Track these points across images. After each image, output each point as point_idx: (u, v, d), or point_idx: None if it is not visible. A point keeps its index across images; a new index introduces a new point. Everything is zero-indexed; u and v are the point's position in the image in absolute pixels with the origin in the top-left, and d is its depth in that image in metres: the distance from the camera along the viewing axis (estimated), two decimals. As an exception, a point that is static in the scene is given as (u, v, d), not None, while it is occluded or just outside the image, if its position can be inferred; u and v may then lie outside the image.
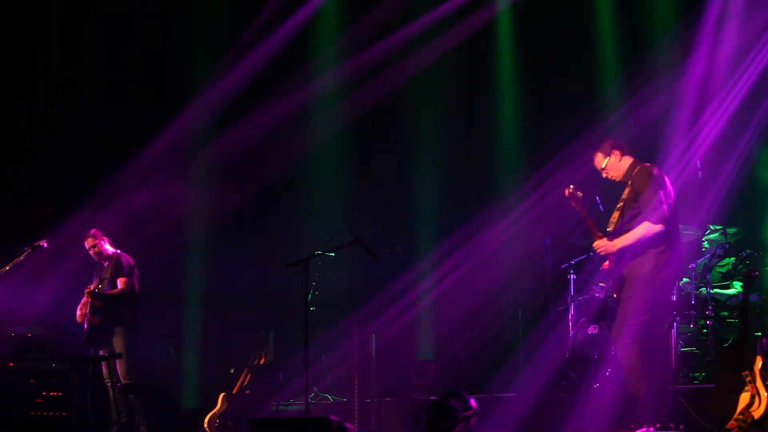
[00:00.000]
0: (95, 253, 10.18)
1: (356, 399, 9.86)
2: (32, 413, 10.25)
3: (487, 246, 11.43)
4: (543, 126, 11.79)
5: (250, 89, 11.94)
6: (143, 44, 12.37)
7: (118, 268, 10.05)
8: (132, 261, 10.16)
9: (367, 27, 11.85)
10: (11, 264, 9.91)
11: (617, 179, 7.86)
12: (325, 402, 10.65)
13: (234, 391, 10.23)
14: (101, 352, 9.92)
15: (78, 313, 10.04)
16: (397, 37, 11.93)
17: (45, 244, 10.12)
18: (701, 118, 10.53)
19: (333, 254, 8.69)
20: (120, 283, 10.01)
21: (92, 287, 9.93)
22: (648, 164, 7.78)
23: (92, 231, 10.23)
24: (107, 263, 10.12)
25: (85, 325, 9.88)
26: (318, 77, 12.07)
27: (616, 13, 11.58)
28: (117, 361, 9.85)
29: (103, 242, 10.18)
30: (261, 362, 10.49)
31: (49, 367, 10.55)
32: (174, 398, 11.35)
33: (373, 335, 10.15)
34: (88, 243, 10.20)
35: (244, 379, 10.32)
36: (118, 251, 10.19)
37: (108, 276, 10.01)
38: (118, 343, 9.91)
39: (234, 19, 12.08)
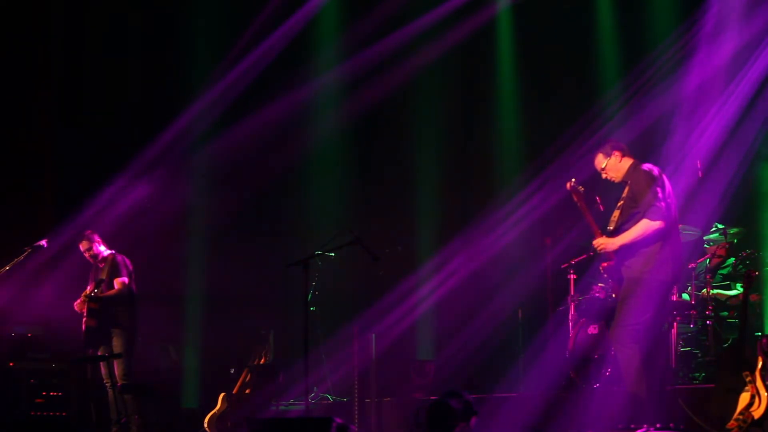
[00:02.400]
0: (90, 255, 10.14)
1: (356, 399, 9.86)
2: (32, 413, 10.24)
3: (487, 246, 11.42)
4: (544, 126, 11.78)
5: (251, 89, 11.93)
6: (143, 44, 12.36)
7: (114, 269, 10.01)
8: (128, 261, 10.12)
9: (367, 27, 11.85)
10: (11, 264, 9.90)
11: (617, 180, 7.90)
12: (326, 402, 10.65)
13: (234, 391, 10.23)
14: (99, 353, 9.91)
15: (76, 303, 10.02)
16: (397, 37, 11.92)
17: (45, 244, 10.10)
18: (702, 119, 10.54)
19: (333, 254, 8.68)
20: (117, 283, 9.98)
21: (88, 291, 9.90)
22: (647, 164, 7.80)
23: (86, 233, 10.19)
24: (103, 264, 10.09)
25: (83, 327, 9.88)
26: (318, 77, 12.07)
27: (616, 14, 11.58)
28: (115, 361, 9.84)
29: (97, 244, 10.14)
30: (261, 362, 10.49)
31: (49, 367, 10.54)
32: (174, 398, 11.34)
33: (374, 336, 10.14)
34: (82, 246, 10.16)
35: (244, 379, 10.32)
36: (114, 252, 10.15)
37: (104, 277, 9.97)
38: (117, 344, 9.89)
39: (234, 19, 12.08)
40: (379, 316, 10.64)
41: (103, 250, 10.13)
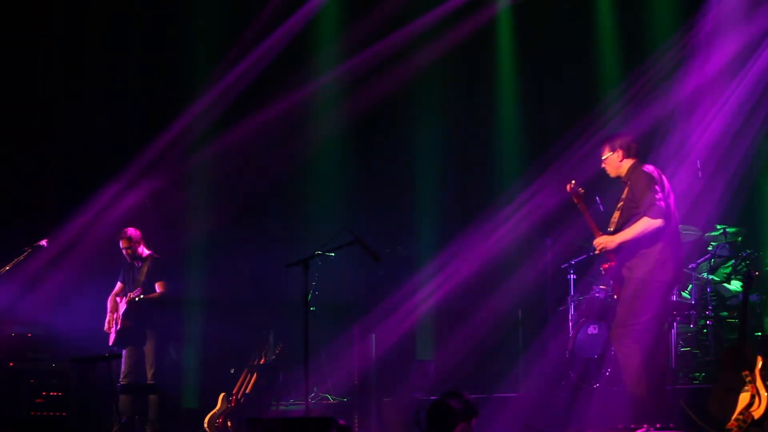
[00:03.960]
0: (129, 254, 10.15)
1: (356, 399, 9.86)
2: (32, 413, 10.24)
3: (487, 246, 11.42)
4: (544, 126, 11.79)
5: (250, 89, 11.93)
6: (143, 44, 12.36)
7: (156, 270, 10.04)
8: (166, 262, 10.18)
9: (367, 27, 11.85)
10: (11, 264, 9.90)
11: (611, 175, 7.91)
12: (326, 402, 10.65)
13: (234, 391, 10.23)
14: (124, 352, 9.95)
15: (108, 318, 10.05)
16: (397, 37, 11.92)
17: (45, 244, 10.10)
18: (702, 119, 10.54)
19: (333, 254, 8.68)
20: (159, 286, 10.01)
21: (133, 295, 9.86)
22: (647, 166, 7.80)
23: (129, 232, 10.18)
24: (140, 264, 10.11)
25: (117, 326, 9.90)
26: (318, 77, 12.07)
27: (616, 14, 11.59)
28: (146, 362, 9.92)
29: (137, 243, 10.15)
30: (261, 362, 10.49)
31: (49, 367, 10.54)
32: (174, 398, 11.34)
33: (374, 336, 10.14)
34: (122, 243, 10.16)
35: (246, 379, 10.32)
36: (151, 252, 10.18)
37: (142, 278, 10.00)
38: (149, 345, 9.94)
39: (234, 19, 12.08)
40: (379, 316, 10.64)
41: (144, 249, 10.16)
